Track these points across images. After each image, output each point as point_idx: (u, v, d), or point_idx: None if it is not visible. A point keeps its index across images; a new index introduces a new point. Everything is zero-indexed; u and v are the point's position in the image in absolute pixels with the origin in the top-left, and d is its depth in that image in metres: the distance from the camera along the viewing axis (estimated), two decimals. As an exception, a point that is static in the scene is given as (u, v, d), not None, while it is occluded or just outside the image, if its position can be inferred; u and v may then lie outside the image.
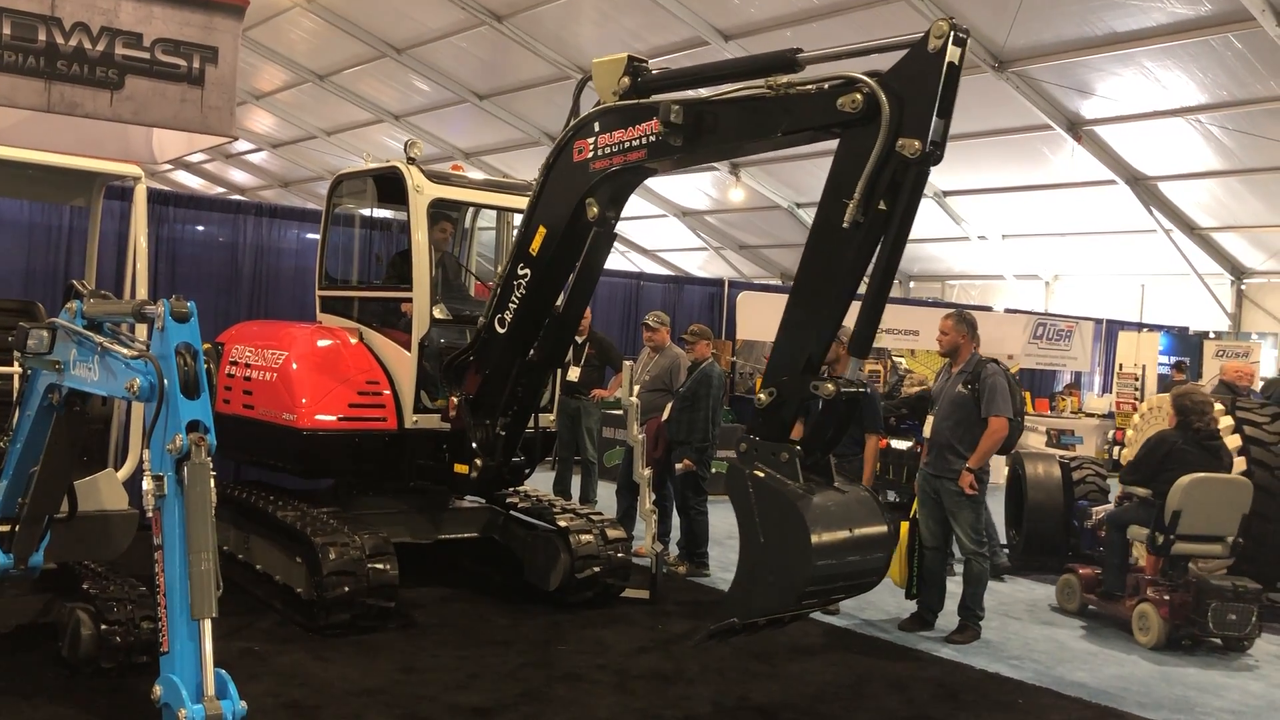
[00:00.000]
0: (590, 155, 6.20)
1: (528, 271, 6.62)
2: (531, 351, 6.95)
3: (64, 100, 8.34)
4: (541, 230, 6.53)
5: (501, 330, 6.78)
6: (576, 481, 10.29)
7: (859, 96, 4.95)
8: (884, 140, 4.86)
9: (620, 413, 10.20)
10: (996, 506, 10.17)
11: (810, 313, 5.23)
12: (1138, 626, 7.65)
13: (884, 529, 5.17)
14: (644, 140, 5.89)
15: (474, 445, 7.00)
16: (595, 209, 6.31)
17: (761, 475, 5.00)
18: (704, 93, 5.76)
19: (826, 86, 5.10)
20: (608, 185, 6.26)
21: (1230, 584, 7.39)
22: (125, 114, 8.65)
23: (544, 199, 6.54)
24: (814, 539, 4.79)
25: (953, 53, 4.81)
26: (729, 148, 5.83)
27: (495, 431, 6.99)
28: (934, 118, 4.86)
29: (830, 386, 5.03)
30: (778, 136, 5.49)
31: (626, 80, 6.11)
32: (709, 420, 8.70)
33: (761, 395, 5.21)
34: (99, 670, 5.40)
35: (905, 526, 7.51)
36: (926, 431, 7.58)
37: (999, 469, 10.92)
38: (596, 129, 6.16)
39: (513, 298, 6.71)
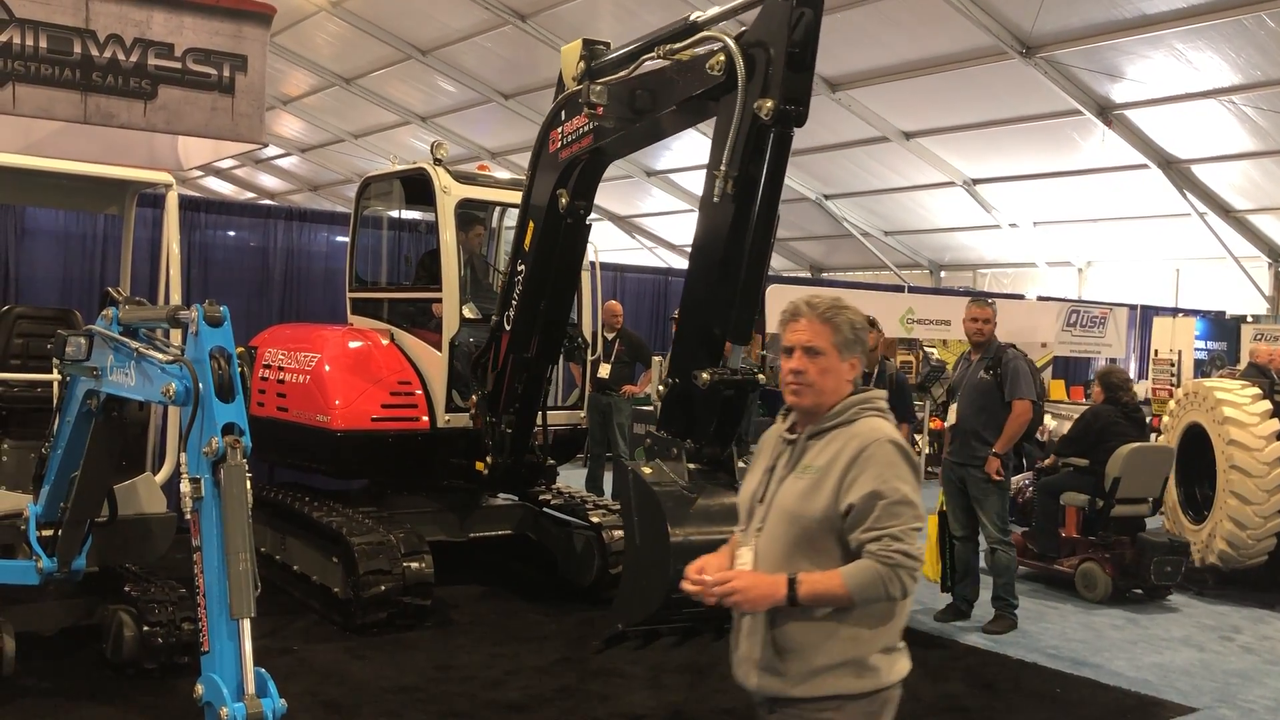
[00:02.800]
0: (559, 145, 6.20)
1: (523, 268, 6.63)
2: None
3: (99, 111, 8.46)
4: (531, 225, 6.54)
5: (508, 328, 6.80)
6: (608, 478, 10.32)
7: (722, 58, 4.65)
8: (742, 103, 4.54)
9: (651, 409, 10.21)
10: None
11: (698, 297, 4.99)
12: (1083, 585, 8.28)
13: None
14: (590, 125, 5.83)
15: (489, 443, 7.04)
16: (565, 199, 6.28)
17: (648, 472, 4.72)
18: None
19: (712, 51, 4.83)
20: (573, 174, 6.24)
21: (1167, 540, 8.23)
22: (159, 123, 8.77)
23: (532, 193, 6.55)
24: (673, 538, 4.47)
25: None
26: (652, 125, 5.56)
27: (502, 429, 7.02)
28: (785, 72, 4.51)
29: (705, 376, 4.77)
30: (673, 109, 5.25)
31: (582, 65, 5.98)
32: None
33: (660, 386, 5.02)
34: (142, 671, 5.49)
35: (934, 520, 7.47)
36: (951, 417, 7.53)
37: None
38: (562, 118, 6.13)
39: (514, 295, 6.72)
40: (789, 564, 2.79)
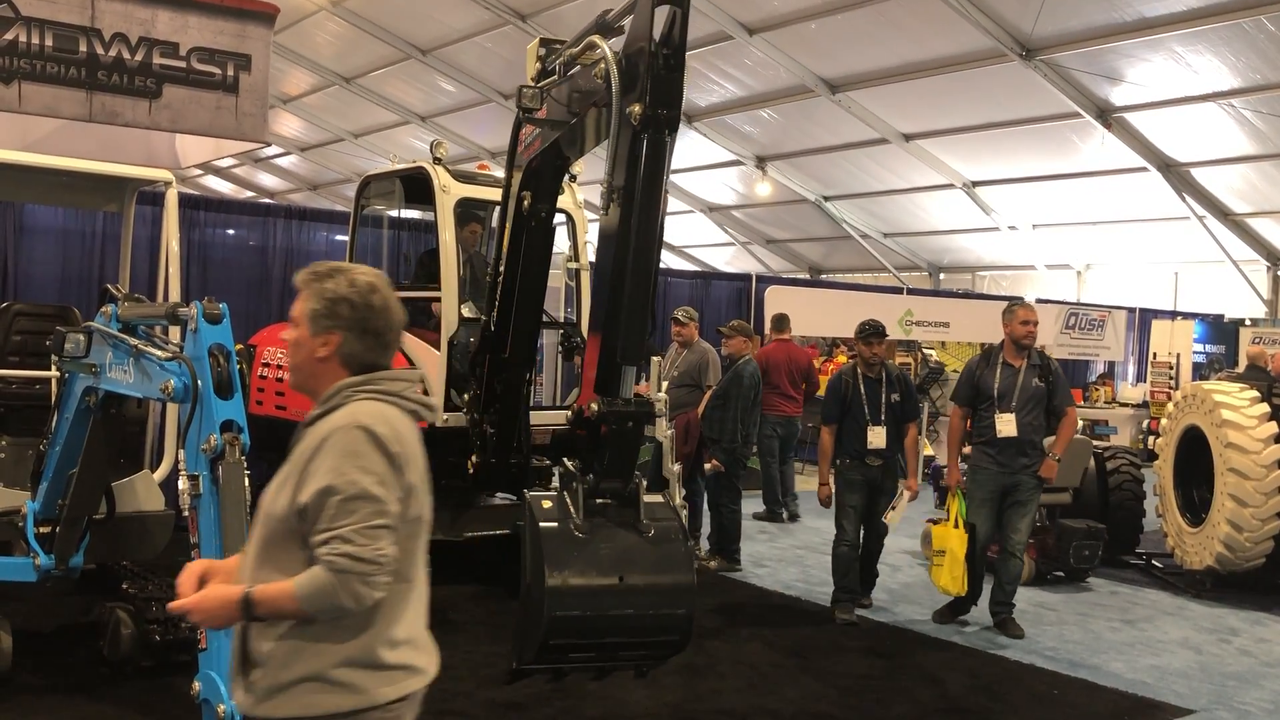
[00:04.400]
0: (524, 146, 6.20)
1: (502, 269, 6.63)
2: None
3: (105, 110, 8.48)
4: (508, 226, 6.55)
5: (492, 329, 6.80)
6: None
7: (602, 66, 4.54)
8: (617, 109, 4.41)
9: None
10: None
11: (598, 318, 4.76)
12: None
13: (685, 579, 4.48)
14: (537, 128, 5.82)
15: (476, 442, 7.04)
16: (528, 201, 6.27)
17: (546, 505, 4.47)
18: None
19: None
20: (534, 176, 6.21)
21: (1085, 526, 8.73)
22: (163, 122, 8.79)
23: (507, 194, 6.54)
24: (549, 581, 4.24)
25: None
26: (584, 128, 5.41)
27: (484, 428, 6.99)
28: (654, 75, 4.33)
29: (594, 405, 4.53)
30: (592, 113, 5.14)
31: (538, 65, 5.93)
32: (737, 420, 8.69)
33: (567, 416, 4.87)
34: (139, 668, 5.49)
35: (962, 535, 7.14)
36: (1007, 429, 7.14)
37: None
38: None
39: (496, 296, 6.71)
40: (259, 572, 2.48)
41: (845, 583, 7.48)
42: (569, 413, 4.91)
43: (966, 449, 7.51)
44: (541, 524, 4.41)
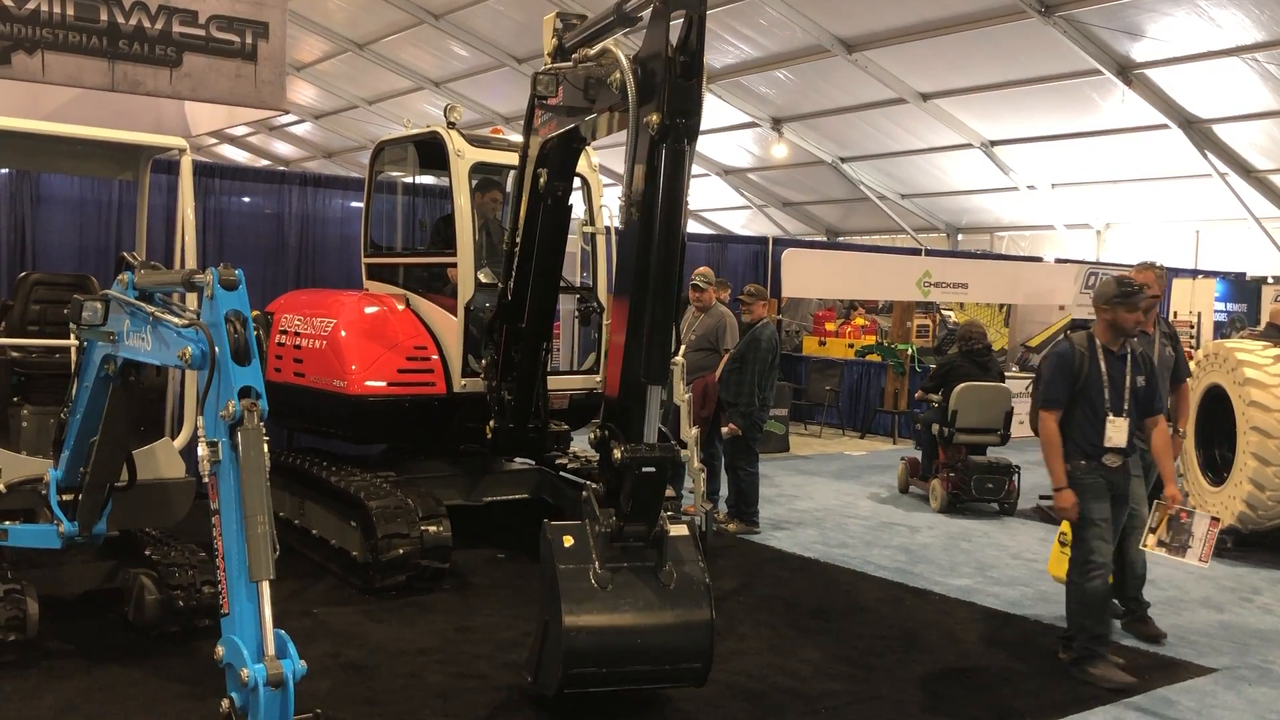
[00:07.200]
0: (540, 122, 6.13)
1: (518, 240, 6.60)
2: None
3: (126, 79, 8.48)
4: (524, 198, 6.51)
5: (509, 298, 6.78)
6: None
7: (618, 75, 4.45)
8: (634, 122, 4.33)
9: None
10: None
11: (621, 333, 4.62)
12: (931, 497, 10.10)
13: (703, 619, 4.57)
14: (555, 114, 5.74)
15: (495, 408, 7.04)
16: (544, 179, 6.20)
17: (567, 541, 4.53)
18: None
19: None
20: (552, 154, 6.14)
21: (988, 461, 9.97)
22: (184, 91, 8.80)
23: (525, 161, 6.49)
24: (566, 630, 4.36)
25: (688, 2, 4.28)
26: (595, 122, 5.34)
27: (501, 395, 7.00)
28: (671, 83, 4.23)
29: (618, 453, 4.42)
30: (597, 113, 5.07)
31: (555, 41, 5.83)
32: (754, 384, 8.67)
33: (592, 435, 4.76)
34: (163, 633, 5.55)
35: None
36: None
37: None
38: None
39: (513, 266, 6.69)
40: None
41: (1101, 629, 5.70)
42: (590, 435, 4.88)
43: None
44: (560, 566, 4.50)
